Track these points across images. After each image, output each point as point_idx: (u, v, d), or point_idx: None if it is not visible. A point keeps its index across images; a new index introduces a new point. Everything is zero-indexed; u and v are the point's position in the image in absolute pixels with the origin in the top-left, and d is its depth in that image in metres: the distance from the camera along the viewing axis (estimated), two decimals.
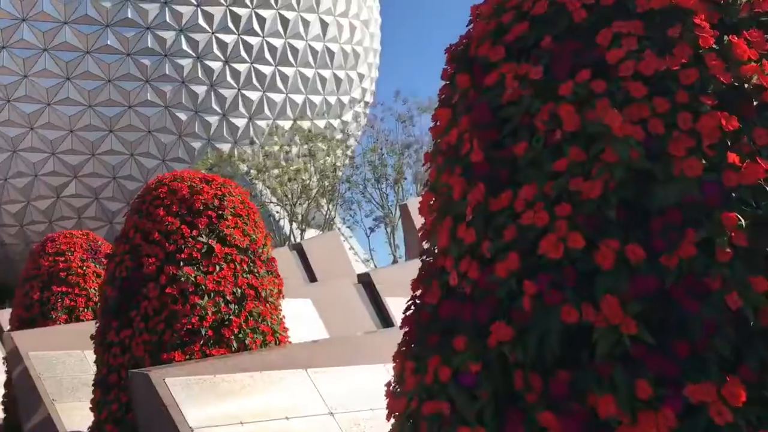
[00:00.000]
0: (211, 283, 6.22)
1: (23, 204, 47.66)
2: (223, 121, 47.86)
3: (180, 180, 6.74)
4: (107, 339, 6.30)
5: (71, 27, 43.06)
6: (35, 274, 10.28)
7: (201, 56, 45.87)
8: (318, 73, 51.55)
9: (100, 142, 45.81)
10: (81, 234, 10.93)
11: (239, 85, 47.66)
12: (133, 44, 44.21)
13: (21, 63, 43.07)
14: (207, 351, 6.05)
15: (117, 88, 44.62)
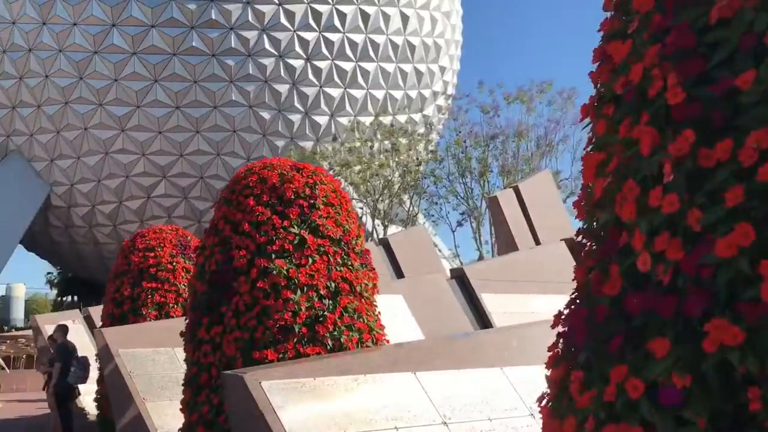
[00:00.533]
0: (304, 277, 5.77)
1: (116, 204, 49.30)
2: (306, 119, 48.12)
3: (270, 168, 6.32)
4: (197, 336, 5.95)
5: (158, 30, 44.17)
6: (125, 270, 10.18)
7: (283, 55, 46.22)
8: (399, 68, 51.15)
9: (188, 142, 46.84)
10: (170, 229, 10.78)
11: (321, 83, 47.79)
12: (218, 45, 44.96)
13: (111, 67, 44.49)
14: (301, 349, 5.60)
15: (203, 89, 45.50)
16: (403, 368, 3.93)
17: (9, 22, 44.67)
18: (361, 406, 3.72)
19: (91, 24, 43.96)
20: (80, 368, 11.93)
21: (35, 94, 45.65)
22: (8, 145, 47.98)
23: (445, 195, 34.07)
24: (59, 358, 12.61)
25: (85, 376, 12.09)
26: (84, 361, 12.04)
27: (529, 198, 18.75)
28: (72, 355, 12.06)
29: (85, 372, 12.07)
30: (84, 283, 76.68)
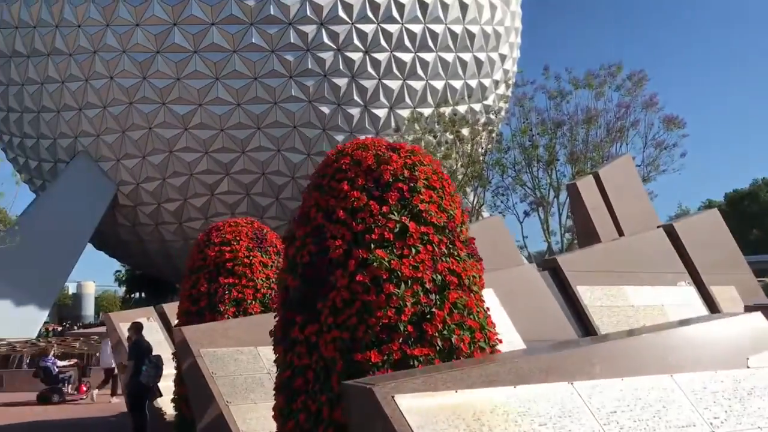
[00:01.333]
0: (408, 269, 5.14)
1: (180, 202, 49.86)
2: (365, 112, 47.67)
3: (364, 148, 5.71)
4: (290, 336, 5.39)
5: (218, 28, 44.32)
6: (201, 265, 9.75)
7: (342, 48, 45.84)
8: (458, 57, 50.22)
9: (249, 139, 46.97)
10: (246, 222, 10.31)
11: (380, 75, 47.25)
12: (276, 40, 44.87)
13: (174, 66, 44.87)
14: (408, 351, 4.99)
15: (263, 85, 45.50)
16: (558, 378, 3.28)
17: (75, 26, 45.50)
18: (516, 427, 3.07)
19: (153, 24, 44.41)
20: (152, 367, 11.58)
21: (101, 95, 46.44)
22: (76, 146, 49.00)
23: (512, 185, 33.10)
24: (131, 356, 12.33)
25: (158, 375, 11.74)
26: (156, 360, 11.70)
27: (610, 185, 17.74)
28: (145, 353, 11.74)
29: (158, 371, 11.72)
30: (151, 280, 78.32)
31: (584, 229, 18.14)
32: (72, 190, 47.68)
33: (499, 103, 53.69)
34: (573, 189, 17.75)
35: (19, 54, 47.99)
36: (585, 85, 34.78)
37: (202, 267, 9.74)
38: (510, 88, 56.82)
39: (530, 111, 33.82)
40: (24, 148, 51.61)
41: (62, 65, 46.61)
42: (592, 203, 17.38)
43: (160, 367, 11.82)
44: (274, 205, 49.95)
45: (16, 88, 49.11)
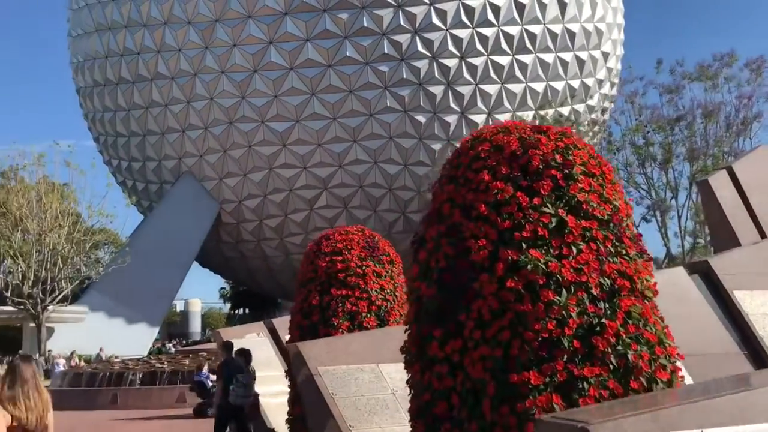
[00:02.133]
0: (569, 272, 4.24)
1: (281, 218, 50.37)
2: (462, 119, 46.73)
3: (506, 132, 4.85)
4: (427, 354, 4.59)
5: (313, 43, 44.59)
6: (312, 277, 9.13)
7: (436, 55, 45.16)
8: (558, 57, 48.52)
9: (346, 152, 46.94)
10: (356, 230, 9.62)
11: (476, 80, 46.23)
12: (371, 52, 44.69)
13: (271, 84, 45.46)
14: (575, 370, 4.09)
15: (358, 98, 45.39)
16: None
17: (176, 50, 46.93)
18: None
19: (250, 43, 45.19)
20: (240, 387, 11.09)
21: (202, 116, 47.63)
22: (181, 167, 50.43)
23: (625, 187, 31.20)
24: (220, 376, 11.91)
25: (247, 395, 11.22)
26: (245, 380, 11.17)
27: (746, 180, 16.05)
28: (234, 373, 11.26)
29: (246, 390, 11.19)
30: (254, 295, 79.87)
31: (719, 229, 16.50)
32: (178, 210, 49.03)
33: (604, 103, 51.54)
34: (705, 186, 16.13)
35: (125, 80, 49.96)
36: (698, 77, 32.53)
37: (313, 279, 9.11)
38: (615, 87, 54.55)
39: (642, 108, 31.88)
40: (131, 171, 53.62)
41: (165, 89, 48.15)
42: (727, 200, 15.79)
43: (250, 386, 11.30)
44: (372, 217, 49.62)
45: (123, 113, 51.13)
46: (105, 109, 52.67)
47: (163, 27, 47.10)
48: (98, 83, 52.18)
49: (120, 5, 48.99)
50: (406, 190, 47.50)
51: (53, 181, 42.58)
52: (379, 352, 6.77)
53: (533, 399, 4.08)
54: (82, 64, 53.68)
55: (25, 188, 41.26)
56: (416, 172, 47.31)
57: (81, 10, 52.74)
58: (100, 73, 51.53)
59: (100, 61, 51.34)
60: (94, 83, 52.65)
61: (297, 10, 44.41)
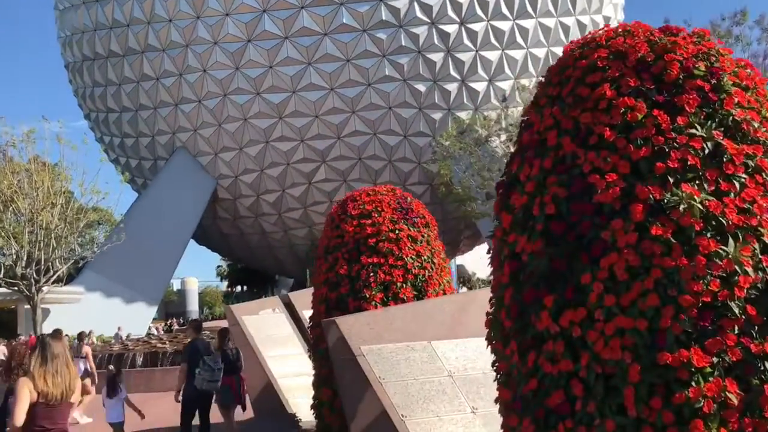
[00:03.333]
0: (734, 213, 3.13)
1: (279, 193, 49.15)
2: (462, 87, 45.40)
3: (628, 34, 3.70)
4: (533, 328, 3.47)
5: (308, 11, 43.05)
6: (337, 244, 7.98)
7: (436, 21, 43.70)
8: (560, 22, 47.13)
9: (344, 124, 45.62)
10: (386, 190, 8.47)
11: (477, 47, 44.85)
12: (368, 19, 43.19)
13: (265, 54, 43.96)
14: (752, 347, 3.00)
15: (356, 67, 43.98)
16: None
17: (166, 21, 45.29)
18: None
19: (243, 12, 43.60)
20: (206, 370, 9.72)
21: (195, 89, 46.14)
22: (174, 142, 49.04)
23: None
24: (184, 358, 10.71)
25: (213, 379, 9.84)
26: (212, 363, 9.77)
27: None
28: (200, 355, 9.90)
29: (213, 374, 9.80)
30: (252, 273, 78.81)
31: None
32: (173, 187, 47.74)
33: None
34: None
35: (115, 54, 48.33)
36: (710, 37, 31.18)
37: (339, 245, 7.96)
38: None
39: None
40: (124, 147, 52.19)
41: (156, 61, 46.58)
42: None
43: (217, 369, 9.89)
44: None
45: (114, 88, 49.56)
46: (95, 84, 51.06)
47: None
48: (87, 57, 50.53)
49: None
50: (407, 161, 46.28)
51: (44, 160, 41.09)
52: (431, 327, 5.67)
53: (698, 387, 2.97)
54: (70, 38, 51.95)
55: (15, 166, 39.79)
56: (417, 143, 46.07)
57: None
58: (89, 46, 49.85)
59: (88, 35, 49.64)
60: (83, 57, 50.99)
61: None
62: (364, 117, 45.27)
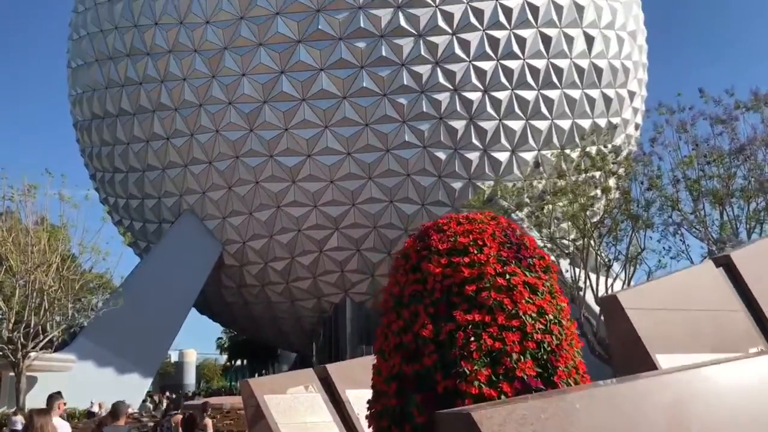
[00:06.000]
0: None
1: (288, 260, 46.74)
2: (485, 156, 43.54)
3: None
4: None
5: (327, 73, 41.67)
6: (417, 292, 5.49)
7: (459, 88, 42.24)
8: (585, 94, 45.70)
9: (360, 190, 43.60)
10: (487, 218, 5.99)
11: (500, 116, 43.23)
12: (389, 83, 41.75)
13: (281, 116, 42.39)
14: None
15: (374, 132, 42.28)
16: None
17: (180, 79, 43.99)
18: None
19: (260, 73, 42.27)
20: None
21: (206, 149, 44.41)
22: (181, 205, 46.99)
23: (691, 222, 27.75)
24: None
25: None
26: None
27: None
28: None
29: None
30: (255, 346, 75.40)
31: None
32: (176, 252, 45.40)
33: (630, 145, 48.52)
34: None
35: (126, 112, 46.91)
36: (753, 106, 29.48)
37: (420, 295, 5.49)
38: (639, 130, 51.76)
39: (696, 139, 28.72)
40: (129, 209, 50.16)
41: (167, 121, 45.05)
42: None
43: None
44: (386, 261, 45.99)
45: (122, 147, 47.94)
46: (103, 143, 49.49)
47: (167, 55, 44.24)
48: (97, 116, 49.13)
49: (123, 33, 46.27)
50: None
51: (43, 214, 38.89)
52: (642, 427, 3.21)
53: None
54: (80, 95, 50.74)
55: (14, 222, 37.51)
56: (435, 213, 43.77)
57: (81, 39, 50.06)
58: (100, 104, 48.52)
59: (99, 93, 48.37)
60: (92, 116, 49.61)
61: (311, 38, 41.63)
62: (381, 184, 43.27)
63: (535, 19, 43.42)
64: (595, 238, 29.06)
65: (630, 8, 50.06)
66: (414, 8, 41.72)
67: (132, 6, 45.73)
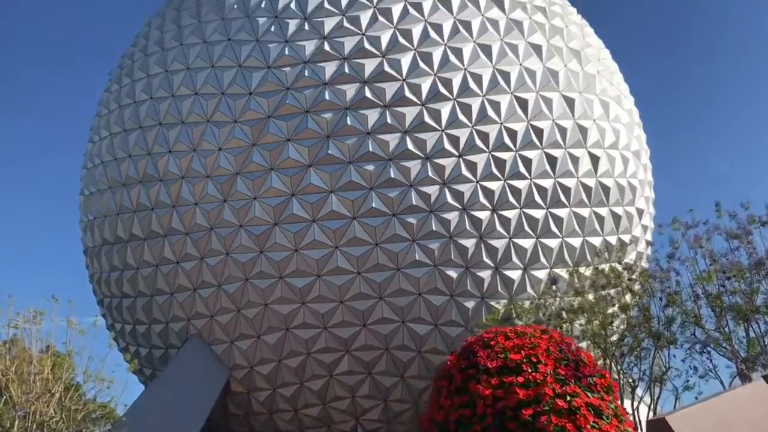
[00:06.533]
0: None
1: (297, 386, 45.39)
2: (496, 274, 43.15)
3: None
4: None
5: (337, 195, 42.12)
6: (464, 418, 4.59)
7: (467, 207, 42.49)
8: (594, 212, 45.89)
9: (371, 310, 42.95)
10: (537, 331, 5.50)
11: (510, 234, 43.21)
12: (398, 204, 42.08)
13: (292, 237, 42.46)
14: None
15: (384, 251, 42.17)
16: None
17: (192, 204, 44.47)
18: None
19: (271, 196, 42.74)
20: None
21: (216, 273, 44.19)
22: (189, 329, 46.26)
23: (716, 340, 26.91)
24: None
25: None
26: None
27: None
28: None
29: None
30: None
31: None
32: (182, 379, 44.29)
33: (641, 262, 48.22)
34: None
35: (136, 237, 47.12)
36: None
37: (468, 420, 4.67)
38: (649, 247, 51.68)
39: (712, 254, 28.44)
40: (135, 335, 49.38)
41: (178, 245, 45.14)
42: None
43: None
44: (399, 384, 44.67)
45: (131, 272, 47.82)
46: (113, 269, 49.45)
47: (180, 181, 44.96)
48: (108, 241, 49.39)
49: (137, 161, 47.30)
50: (438, 353, 42.77)
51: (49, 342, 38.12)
52: None
53: None
54: (91, 222, 51.25)
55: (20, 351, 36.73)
56: (448, 333, 42.97)
57: (95, 168, 51.19)
58: (111, 230, 48.88)
59: (111, 219, 48.86)
60: (103, 241, 49.88)
61: (322, 163, 42.41)
62: (393, 303, 42.68)
63: (540, 140, 44.32)
64: (617, 357, 28.11)
65: (632, 129, 51.22)
66: (420, 133, 42.70)
67: (146, 135, 46.99)
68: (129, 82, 49.97)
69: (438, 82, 43.34)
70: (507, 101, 44.03)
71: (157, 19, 52.60)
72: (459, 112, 42.98)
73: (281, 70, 43.85)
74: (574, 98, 46.39)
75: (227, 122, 43.99)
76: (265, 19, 45.93)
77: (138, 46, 51.89)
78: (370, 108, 42.66)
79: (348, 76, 43.13)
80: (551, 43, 47.64)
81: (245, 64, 44.78)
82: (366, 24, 44.68)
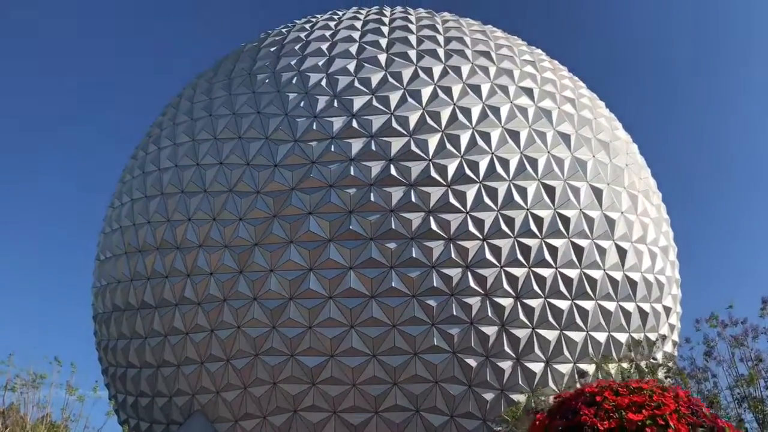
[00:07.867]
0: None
1: None
2: (518, 366, 41.22)
3: None
4: None
5: (356, 272, 40.93)
6: None
7: (490, 293, 41.04)
8: (621, 307, 44.21)
9: (384, 396, 40.93)
10: (657, 388, 4.26)
11: (533, 324, 41.53)
12: (418, 285, 40.75)
13: (306, 313, 41.04)
14: None
15: (402, 334, 40.54)
16: None
17: (207, 273, 43.42)
18: None
19: (288, 269, 41.63)
20: None
21: (225, 346, 42.62)
22: (193, 405, 44.29)
23: None
24: None
25: None
26: None
27: None
28: None
29: None
30: None
31: None
32: None
33: (670, 363, 46.02)
34: None
35: (147, 305, 45.92)
36: None
37: None
38: (676, 348, 49.54)
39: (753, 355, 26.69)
40: (137, 407, 47.39)
41: (189, 315, 43.83)
42: None
43: None
44: None
45: (139, 341, 46.36)
46: (120, 336, 48.02)
47: (197, 250, 44.11)
48: (118, 308, 48.19)
49: (155, 227, 46.67)
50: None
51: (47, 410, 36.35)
52: None
53: None
54: (104, 288, 50.22)
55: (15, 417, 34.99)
56: (464, 426, 40.69)
57: (113, 233, 50.59)
58: (122, 297, 47.76)
59: (124, 285, 47.83)
60: (113, 308, 48.68)
61: (342, 238, 41.46)
62: (407, 390, 40.67)
63: (567, 229, 43.25)
64: None
65: (660, 225, 50.13)
66: (445, 213, 41.84)
67: (167, 202, 46.54)
68: (155, 149, 50.02)
69: (464, 164, 42.81)
70: (534, 187, 43.29)
71: (189, 90, 53.18)
72: (485, 195, 42.21)
73: (308, 144, 43.62)
74: (602, 189, 45.60)
75: (250, 192, 43.47)
76: (295, 95, 46.11)
77: (167, 115, 52.29)
78: (394, 186, 42.04)
79: (374, 153, 42.77)
80: (580, 134, 47.29)
81: (272, 137, 44.68)
82: (395, 104, 44.67)
